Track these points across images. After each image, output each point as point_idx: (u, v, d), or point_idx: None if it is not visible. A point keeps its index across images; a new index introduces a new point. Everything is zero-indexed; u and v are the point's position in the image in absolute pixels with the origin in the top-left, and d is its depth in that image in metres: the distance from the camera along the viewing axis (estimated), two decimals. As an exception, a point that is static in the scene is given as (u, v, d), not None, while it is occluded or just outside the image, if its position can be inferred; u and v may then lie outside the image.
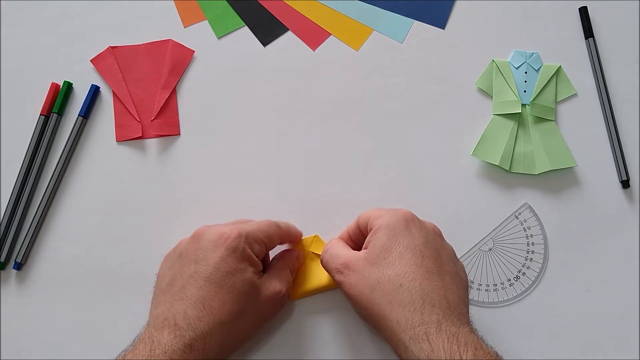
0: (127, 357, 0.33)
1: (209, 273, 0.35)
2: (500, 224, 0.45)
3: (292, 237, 0.42)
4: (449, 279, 0.35)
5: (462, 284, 0.36)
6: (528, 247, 0.45)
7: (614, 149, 0.47)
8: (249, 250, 0.36)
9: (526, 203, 0.46)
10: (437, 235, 0.38)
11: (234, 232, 0.36)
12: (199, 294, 0.34)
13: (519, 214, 0.46)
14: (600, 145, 0.48)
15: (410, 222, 0.37)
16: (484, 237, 0.45)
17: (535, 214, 0.45)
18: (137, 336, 0.35)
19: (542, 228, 0.45)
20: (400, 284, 0.33)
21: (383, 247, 0.35)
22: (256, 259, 0.37)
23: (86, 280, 0.44)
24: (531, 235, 0.45)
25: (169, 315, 0.34)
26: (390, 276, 0.34)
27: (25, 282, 0.44)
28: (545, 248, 0.45)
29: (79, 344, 0.43)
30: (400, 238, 0.35)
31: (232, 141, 0.47)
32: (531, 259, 0.45)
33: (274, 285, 0.38)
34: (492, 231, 0.45)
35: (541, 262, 0.45)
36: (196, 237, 0.37)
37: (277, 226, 0.40)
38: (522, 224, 0.45)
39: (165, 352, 0.32)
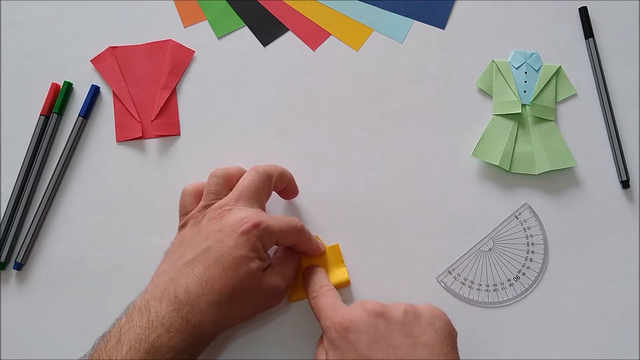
0: (124, 329, 0.33)
1: (220, 255, 0.35)
2: (500, 224, 0.45)
3: (309, 248, 0.42)
4: None
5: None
6: (528, 248, 0.45)
7: (614, 149, 0.47)
8: (259, 244, 0.36)
9: (526, 203, 0.46)
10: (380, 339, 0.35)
11: (253, 220, 0.36)
12: (205, 272, 0.35)
13: (519, 214, 0.46)
14: (600, 145, 0.48)
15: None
16: (484, 237, 0.45)
17: (535, 214, 0.45)
18: (131, 304, 0.35)
19: (542, 228, 0.45)
20: None
21: None
22: (265, 253, 0.37)
23: (86, 280, 0.44)
24: (531, 236, 0.45)
25: (171, 286, 0.35)
26: None
27: (25, 282, 0.44)
28: (545, 248, 0.45)
29: (79, 344, 0.43)
30: None
31: (232, 141, 0.47)
32: (531, 259, 0.45)
33: (274, 280, 0.38)
34: (492, 231, 0.45)
35: (541, 262, 0.45)
36: (219, 217, 0.37)
37: (299, 230, 0.39)
38: (522, 224, 0.45)
39: (163, 325, 0.33)
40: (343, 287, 0.44)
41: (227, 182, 0.40)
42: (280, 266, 0.39)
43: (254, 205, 0.39)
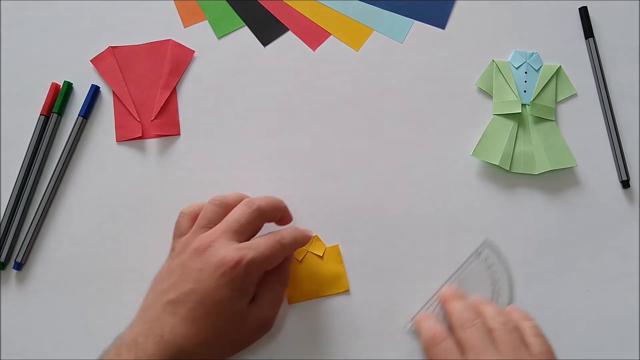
0: None
1: (203, 297, 0.35)
2: (462, 265, 0.44)
3: (297, 247, 0.41)
4: None
5: None
6: (493, 287, 0.44)
7: (614, 149, 0.47)
8: (247, 282, 0.36)
9: (485, 241, 0.45)
10: None
11: (235, 259, 0.35)
12: (190, 314, 0.35)
13: (480, 252, 0.44)
14: (600, 145, 0.48)
15: None
16: (447, 280, 0.44)
17: (496, 251, 0.44)
18: (118, 338, 0.35)
19: (504, 266, 0.44)
20: None
21: None
22: (251, 288, 0.37)
23: (86, 280, 0.44)
24: (495, 274, 0.44)
25: (157, 324, 0.35)
26: None
27: (25, 282, 0.44)
28: (511, 287, 0.44)
29: (79, 344, 0.43)
30: None
31: (232, 141, 0.47)
32: (497, 300, 0.43)
33: (262, 313, 0.38)
34: (455, 273, 0.44)
35: (507, 301, 0.43)
36: (201, 252, 0.37)
37: (282, 246, 0.38)
38: (484, 263, 0.44)
39: None
40: (341, 293, 0.44)
41: (225, 211, 0.40)
42: (268, 293, 0.39)
43: (240, 239, 0.38)
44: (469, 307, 0.40)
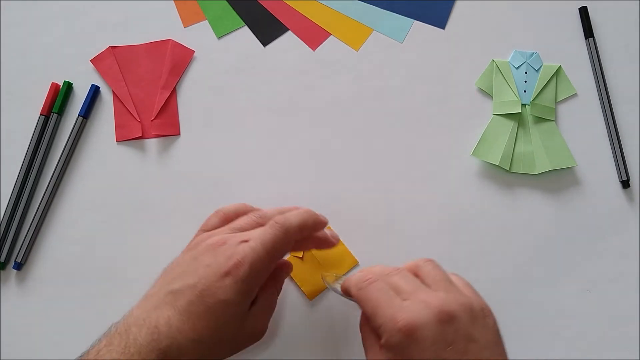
0: (102, 350, 0.33)
1: (205, 293, 0.34)
2: None
3: (306, 233, 0.39)
4: None
5: None
6: None
7: (614, 149, 0.47)
8: (253, 284, 0.35)
9: None
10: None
11: (237, 259, 0.34)
12: (188, 308, 0.34)
13: None
14: (600, 145, 0.48)
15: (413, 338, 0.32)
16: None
17: None
18: (113, 325, 0.35)
19: None
20: None
21: None
22: (254, 292, 0.36)
23: (86, 280, 0.44)
24: None
25: (153, 315, 0.34)
26: None
27: (25, 282, 0.44)
28: None
29: (79, 344, 0.43)
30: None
31: (232, 141, 0.47)
32: None
33: (259, 323, 0.37)
34: None
35: None
36: (215, 248, 0.36)
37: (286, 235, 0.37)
38: None
39: (140, 353, 0.32)
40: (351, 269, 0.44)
41: (260, 226, 0.38)
42: (264, 300, 0.38)
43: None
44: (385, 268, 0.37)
